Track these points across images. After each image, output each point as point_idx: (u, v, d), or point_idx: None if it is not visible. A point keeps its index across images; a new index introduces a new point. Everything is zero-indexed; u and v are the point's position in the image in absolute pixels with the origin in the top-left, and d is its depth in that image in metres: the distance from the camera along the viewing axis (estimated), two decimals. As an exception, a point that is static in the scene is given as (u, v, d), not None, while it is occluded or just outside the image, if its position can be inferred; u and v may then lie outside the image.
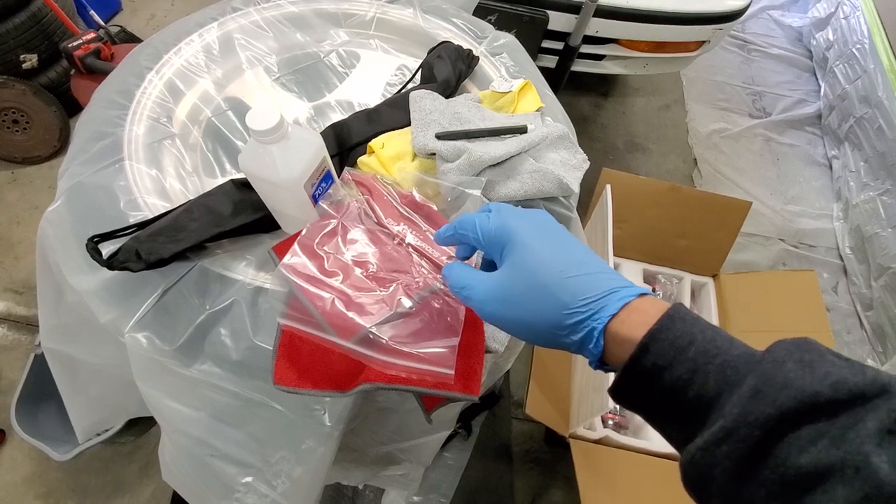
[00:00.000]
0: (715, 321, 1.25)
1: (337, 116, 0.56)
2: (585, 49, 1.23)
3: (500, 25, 1.20)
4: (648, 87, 1.94)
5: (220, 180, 0.50)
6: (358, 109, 0.56)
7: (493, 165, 0.48)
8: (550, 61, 1.23)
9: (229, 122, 0.54)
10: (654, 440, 1.09)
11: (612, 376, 0.29)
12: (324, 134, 0.52)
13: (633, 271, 1.32)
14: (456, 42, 0.60)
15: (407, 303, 0.36)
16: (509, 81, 0.56)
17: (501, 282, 0.30)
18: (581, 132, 1.79)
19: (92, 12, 1.40)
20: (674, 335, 0.26)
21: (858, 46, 1.72)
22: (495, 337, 0.42)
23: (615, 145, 1.76)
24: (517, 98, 0.56)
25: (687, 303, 1.28)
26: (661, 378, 0.26)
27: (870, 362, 1.35)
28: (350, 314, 0.34)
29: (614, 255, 1.32)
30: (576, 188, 0.48)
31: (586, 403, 1.01)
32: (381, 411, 0.49)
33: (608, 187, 1.10)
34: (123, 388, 0.48)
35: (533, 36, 1.16)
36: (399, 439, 0.62)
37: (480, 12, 1.13)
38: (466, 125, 0.49)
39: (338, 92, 0.59)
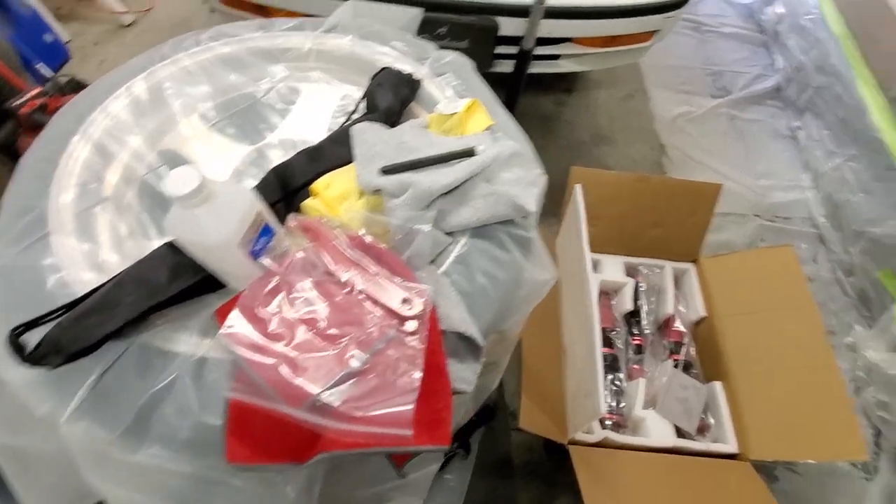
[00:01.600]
0: (700, 305, 1.25)
1: (281, 157, 0.54)
2: (540, 50, 1.23)
3: (451, 37, 1.19)
4: (609, 80, 1.94)
5: (161, 243, 0.47)
6: (302, 147, 0.54)
7: (445, 194, 0.46)
8: (508, 66, 1.22)
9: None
10: (653, 435, 1.08)
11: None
12: (265, 179, 0.50)
13: (614, 265, 1.31)
14: (397, 66, 0.59)
15: (356, 362, 0.33)
16: (455, 102, 0.55)
17: None
18: (547, 130, 1.80)
19: (39, 65, 1.36)
20: None
21: (808, 17, 1.74)
22: (461, 378, 0.40)
23: (582, 140, 1.76)
24: (465, 118, 0.54)
25: (670, 291, 1.27)
26: None
27: (857, 328, 1.36)
28: (297, 381, 0.32)
29: (594, 251, 1.31)
30: (532, 207, 0.47)
31: (580, 410, 1.00)
32: (356, 461, 0.47)
33: (577, 187, 1.09)
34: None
35: (485, 43, 1.15)
36: (385, 479, 0.59)
37: (430, 26, 1.12)
38: (412, 154, 0.48)
39: (280, 131, 0.57)
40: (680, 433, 1.10)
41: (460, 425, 0.92)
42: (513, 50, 1.18)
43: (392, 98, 0.53)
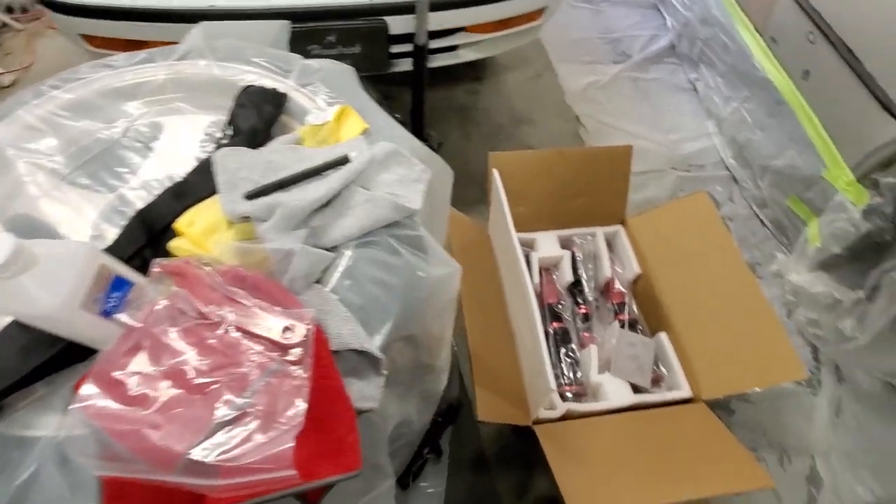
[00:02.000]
0: (633, 263, 1.29)
1: (146, 200, 0.50)
2: (436, 43, 1.22)
3: (342, 44, 1.16)
4: (517, 62, 1.98)
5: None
6: (168, 185, 0.50)
7: (322, 207, 0.44)
8: (408, 64, 1.21)
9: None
10: (611, 397, 1.10)
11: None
12: (128, 225, 0.46)
13: (549, 241, 1.33)
14: (260, 83, 0.56)
15: (228, 409, 0.31)
16: (324, 111, 0.53)
17: None
18: (466, 120, 1.80)
19: None
20: None
21: (685, -26, 1.84)
22: (365, 395, 0.38)
23: (501, 125, 1.78)
24: (337, 126, 0.52)
25: (604, 255, 1.30)
26: None
27: (779, 256, 1.45)
28: (163, 443, 0.29)
29: (527, 230, 1.32)
30: (416, 204, 0.45)
31: (535, 389, 1.00)
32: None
33: (495, 172, 1.09)
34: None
35: (378, 45, 1.13)
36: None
37: (317, 35, 1.08)
38: (280, 173, 0.45)
39: (143, 172, 0.53)
40: (636, 389, 1.13)
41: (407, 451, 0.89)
42: (408, 48, 1.17)
43: (255, 117, 0.51)
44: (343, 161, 0.46)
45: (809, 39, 1.28)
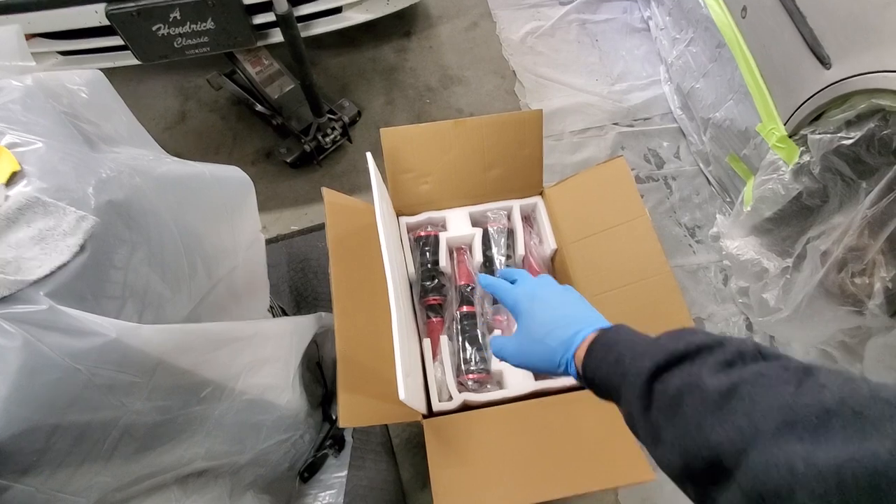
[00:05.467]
0: (550, 238, 1.20)
1: None
2: (310, 8, 1.10)
3: (190, 20, 1.04)
4: (452, 10, 1.80)
5: None
6: None
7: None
8: (279, 36, 1.09)
9: None
10: (513, 386, 1.06)
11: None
12: None
13: (460, 218, 1.25)
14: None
15: None
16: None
17: (517, 342, 0.53)
18: (392, 84, 1.67)
19: None
20: (598, 350, 0.44)
21: None
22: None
23: (430, 86, 1.64)
24: None
25: (519, 231, 1.22)
26: (596, 373, 0.43)
27: (718, 217, 1.34)
28: None
29: (438, 209, 1.24)
30: (45, 268, 0.38)
31: (413, 387, 0.96)
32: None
33: (368, 155, 1.00)
34: None
35: (234, 18, 1.01)
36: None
37: (159, 15, 0.96)
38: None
39: None
40: (540, 376, 1.09)
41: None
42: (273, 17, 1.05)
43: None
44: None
45: (744, -31, 1.11)
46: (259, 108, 1.41)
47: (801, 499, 0.25)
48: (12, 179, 0.41)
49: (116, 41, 0.99)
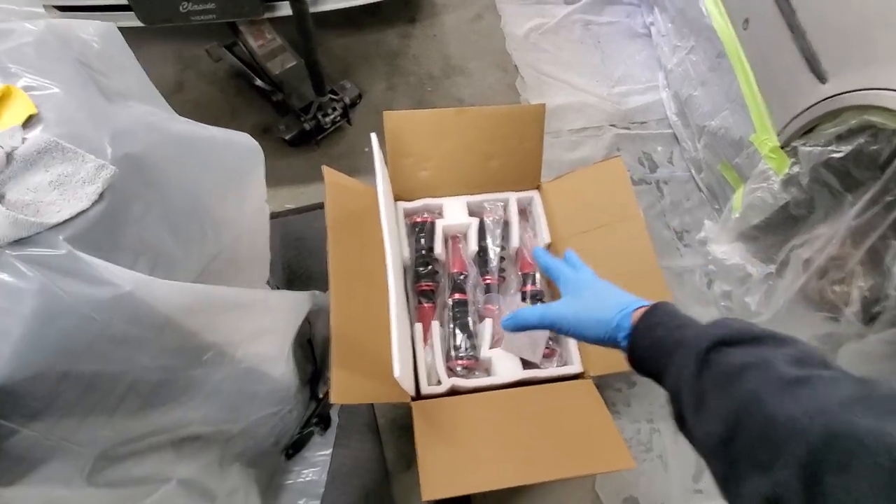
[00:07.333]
0: (545, 232, 1.22)
1: None
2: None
3: None
4: (456, 0, 1.80)
5: None
6: None
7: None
8: (287, 8, 1.08)
9: None
10: (501, 373, 1.08)
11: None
12: None
13: (457, 207, 1.26)
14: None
15: None
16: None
17: (572, 308, 0.54)
18: (394, 70, 1.66)
19: None
20: (657, 314, 0.46)
21: None
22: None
23: (432, 74, 1.64)
24: None
25: (515, 223, 1.24)
26: (651, 334, 0.45)
27: (707, 223, 1.38)
28: None
29: (435, 196, 1.24)
30: (64, 213, 0.37)
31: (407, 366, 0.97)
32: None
33: (373, 136, 1.00)
34: None
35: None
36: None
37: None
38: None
39: None
40: (528, 365, 1.11)
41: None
42: (284, -10, 1.04)
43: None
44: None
45: (750, -18, 1.14)
46: (259, 82, 1.40)
47: (865, 470, 0.25)
48: (28, 123, 0.40)
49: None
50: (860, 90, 0.82)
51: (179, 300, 0.45)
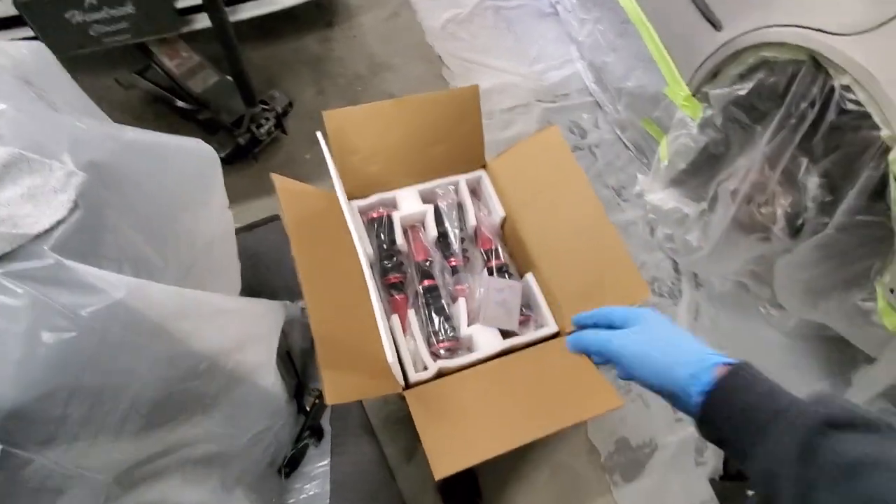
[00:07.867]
0: (497, 207, 1.27)
1: None
2: (234, -9, 1.06)
3: (107, 5, 0.97)
4: (370, 1, 1.81)
5: None
6: None
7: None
8: (201, 22, 1.05)
9: None
10: (483, 347, 1.11)
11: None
12: None
13: (410, 197, 1.27)
14: None
15: None
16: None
17: (636, 334, 0.53)
18: (321, 74, 1.65)
19: None
20: (744, 376, 0.40)
21: None
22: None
23: (359, 74, 1.65)
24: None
25: (468, 203, 1.27)
26: (736, 397, 0.39)
27: (639, 176, 1.49)
28: None
29: (388, 189, 1.25)
30: (41, 225, 0.35)
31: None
32: None
33: (319, 134, 1.00)
34: None
35: (157, 1, 0.95)
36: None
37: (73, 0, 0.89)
38: None
39: None
40: (508, 334, 1.14)
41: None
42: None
43: None
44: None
45: (640, -53, 1.25)
46: (180, 103, 1.33)
47: None
48: (-20, 141, 0.37)
49: (26, 32, 0.88)
50: (752, 31, 0.92)
51: (170, 304, 0.44)
